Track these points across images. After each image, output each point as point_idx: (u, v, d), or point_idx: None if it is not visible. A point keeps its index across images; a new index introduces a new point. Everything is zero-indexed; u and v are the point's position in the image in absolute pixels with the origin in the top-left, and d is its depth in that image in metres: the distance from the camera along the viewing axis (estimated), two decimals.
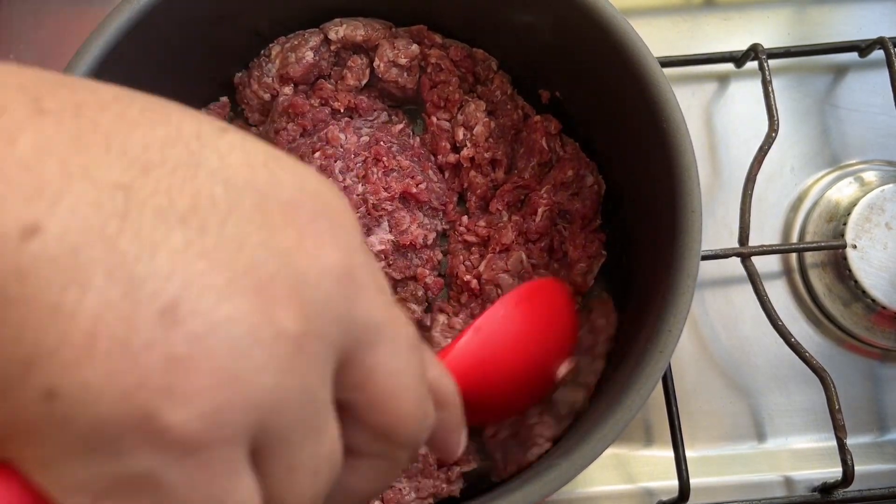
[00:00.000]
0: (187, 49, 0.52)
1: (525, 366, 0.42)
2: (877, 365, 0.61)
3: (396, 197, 0.53)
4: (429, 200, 0.54)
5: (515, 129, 0.57)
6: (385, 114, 0.58)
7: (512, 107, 0.57)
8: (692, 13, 0.67)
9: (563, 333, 0.45)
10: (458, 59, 0.57)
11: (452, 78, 0.56)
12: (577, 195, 0.55)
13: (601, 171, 0.55)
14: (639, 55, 0.45)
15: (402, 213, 0.53)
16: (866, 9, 0.67)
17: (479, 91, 0.58)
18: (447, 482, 0.49)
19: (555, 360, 0.44)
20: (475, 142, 0.56)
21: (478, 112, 0.56)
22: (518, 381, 0.42)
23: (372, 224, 0.53)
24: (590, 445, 0.41)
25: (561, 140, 0.56)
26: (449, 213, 0.56)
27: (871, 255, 0.59)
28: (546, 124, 0.56)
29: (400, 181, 0.53)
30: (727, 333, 0.61)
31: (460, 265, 0.55)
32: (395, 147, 0.55)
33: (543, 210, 0.54)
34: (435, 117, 0.57)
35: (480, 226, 0.55)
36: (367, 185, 0.53)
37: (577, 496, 0.57)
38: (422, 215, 0.54)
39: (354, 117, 0.57)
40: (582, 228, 0.54)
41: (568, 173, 0.55)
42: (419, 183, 0.54)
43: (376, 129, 0.56)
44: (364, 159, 0.54)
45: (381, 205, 0.53)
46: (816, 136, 0.65)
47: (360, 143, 0.55)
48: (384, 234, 0.53)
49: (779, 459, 0.59)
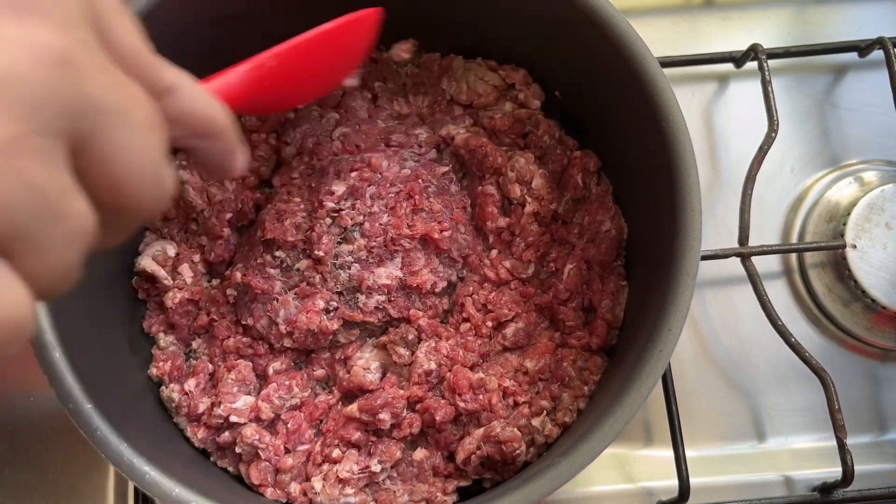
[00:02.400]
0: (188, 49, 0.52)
1: (308, 84, 0.47)
2: (877, 365, 0.61)
3: (417, 237, 0.52)
4: (449, 249, 0.53)
5: (563, 169, 0.55)
6: (435, 150, 0.57)
7: (561, 151, 0.55)
8: (692, 13, 0.67)
9: (354, 54, 0.48)
10: (506, 128, 0.56)
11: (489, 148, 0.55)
12: (593, 242, 0.53)
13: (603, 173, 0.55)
14: (639, 55, 0.45)
15: (418, 254, 0.52)
16: (866, 9, 0.67)
17: (526, 140, 0.56)
18: (442, 492, 0.49)
19: (341, 74, 0.49)
20: (537, 195, 0.54)
21: (529, 165, 0.54)
22: (299, 93, 0.47)
23: (385, 256, 0.51)
24: (590, 445, 0.41)
25: (598, 178, 0.55)
26: (471, 263, 0.55)
27: (871, 255, 0.59)
28: (586, 160, 0.54)
29: (425, 223, 0.52)
30: (727, 333, 0.61)
31: (468, 297, 0.54)
32: (432, 188, 0.54)
33: (570, 268, 0.52)
34: (481, 186, 0.55)
35: (505, 266, 0.54)
36: (392, 217, 0.52)
37: (577, 496, 0.57)
38: (437, 262, 0.53)
39: (404, 148, 0.56)
40: (601, 275, 0.53)
41: (585, 219, 0.54)
42: (444, 230, 0.52)
43: (421, 165, 0.55)
44: (398, 191, 0.53)
45: (400, 241, 0.51)
46: (816, 136, 0.65)
47: (401, 174, 0.54)
48: (394, 270, 0.51)
49: (779, 459, 0.59)
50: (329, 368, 0.53)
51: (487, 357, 0.53)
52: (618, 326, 0.52)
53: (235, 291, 0.53)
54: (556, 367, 0.51)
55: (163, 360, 0.52)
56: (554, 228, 0.55)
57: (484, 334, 0.53)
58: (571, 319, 0.52)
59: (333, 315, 0.51)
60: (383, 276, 0.51)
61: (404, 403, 0.50)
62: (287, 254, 0.52)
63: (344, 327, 0.52)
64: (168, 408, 0.51)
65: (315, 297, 0.51)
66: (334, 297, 0.51)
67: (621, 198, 0.54)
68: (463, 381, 0.50)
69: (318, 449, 0.51)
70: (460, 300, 0.54)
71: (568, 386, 0.51)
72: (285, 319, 0.51)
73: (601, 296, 0.52)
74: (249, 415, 0.50)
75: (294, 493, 0.49)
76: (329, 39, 0.45)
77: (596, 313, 0.52)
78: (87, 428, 0.40)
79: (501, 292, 0.53)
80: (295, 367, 0.53)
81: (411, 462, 0.50)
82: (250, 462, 0.50)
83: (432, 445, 0.51)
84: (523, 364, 0.52)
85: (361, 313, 0.51)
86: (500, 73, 0.57)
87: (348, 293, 0.51)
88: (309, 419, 0.51)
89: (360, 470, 0.49)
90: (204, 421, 0.50)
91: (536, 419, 0.49)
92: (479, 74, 0.57)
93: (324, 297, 0.51)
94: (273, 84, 0.42)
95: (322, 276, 0.51)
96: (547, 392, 0.50)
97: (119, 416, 0.42)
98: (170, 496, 0.40)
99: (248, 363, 0.52)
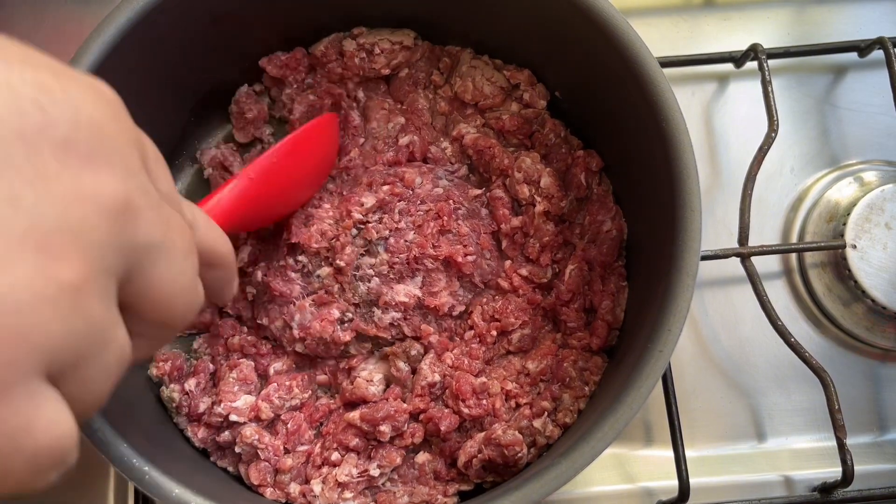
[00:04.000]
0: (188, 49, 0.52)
1: (293, 192, 0.51)
2: (877, 365, 0.61)
3: (441, 259, 0.51)
4: (471, 275, 0.52)
5: (567, 168, 0.55)
6: (465, 168, 0.56)
7: (566, 149, 0.55)
8: (692, 13, 0.67)
9: (330, 157, 0.54)
10: (514, 129, 0.56)
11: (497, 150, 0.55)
12: (594, 242, 0.53)
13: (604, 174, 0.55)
14: (639, 55, 0.45)
15: (439, 275, 0.52)
16: (866, 9, 0.67)
17: (532, 139, 0.56)
18: (443, 494, 0.49)
19: (320, 177, 0.54)
20: (546, 194, 0.54)
21: (536, 165, 0.54)
22: (285, 202, 0.51)
23: (406, 274, 0.51)
24: (590, 445, 0.41)
25: (599, 178, 0.55)
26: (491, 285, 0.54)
27: (871, 255, 0.59)
28: (588, 160, 0.54)
29: (451, 245, 0.52)
30: (727, 333, 0.61)
31: (478, 307, 0.53)
32: (462, 210, 0.53)
33: (572, 268, 0.52)
34: (489, 191, 0.55)
35: (520, 274, 0.53)
36: (418, 236, 0.51)
37: (577, 496, 0.57)
38: (458, 285, 0.52)
39: (439, 165, 0.55)
40: (601, 275, 0.52)
41: (586, 219, 0.54)
42: (469, 254, 0.52)
43: (454, 185, 0.55)
44: (427, 210, 0.52)
45: (423, 260, 0.51)
46: (816, 136, 0.65)
47: (433, 193, 0.53)
48: (413, 289, 0.51)
49: (779, 459, 0.59)
50: (332, 376, 0.53)
51: (491, 362, 0.53)
52: (618, 327, 0.52)
53: (255, 290, 0.53)
54: (557, 368, 0.51)
55: (162, 360, 0.51)
56: (561, 229, 0.55)
57: (489, 342, 0.53)
58: (573, 320, 0.52)
59: (347, 326, 0.51)
60: (402, 294, 0.51)
61: (406, 417, 0.50)
62: (310, 259, 0.52)
63: (357, 339, 0.52)
64: (168, 408, 0.51)
65: (331, 307, 0.51)
66: (350, 309, 0.51)
67: (621, 198, 0.54)
68: (466, 387, 0.49)
69: (318, 451, 0.51)
70: (470, 311, 0.53)
71: (569, 386, 0.50)
72: (300, 325, 0.51)
73: (602, 296, 0.52)
74: (249, 414, 0.50)
75: (294, 493, 0.49)
76: (299, 142, 0.49)
77: (596, 314, 0.52)
78: (87, 428, 0.40)
79: (508, 301, 0.53)
80: (297, 368, 0.53)
81: (412, 464, 0.50)
82: (250, 462, 0.50)
83: (436, 452, 0.50)
84: (525, 366, 0.52)
85: (375, 328, 0.51)
86: (504, 73, 0.57)
87: (365, 306, 0.51)
88: (309, 420, 0.51)
89: (360, 474, 0.49)
90: (204, 420, 0.50)
91: (538, 420, 0.49)
92: (486, 75, 0.57)
93: (340, 307, 0.51)
94: (259, 196, 0.46)
95: (341, 286, 0.51)
96: (548, 393, 0.50)
97: (119, 416, 0.42)
98: (170, 496, 0.40)
99: (251, 363, 0.52)
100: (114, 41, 0.45)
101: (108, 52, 0.45)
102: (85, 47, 0.45)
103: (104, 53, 0.45)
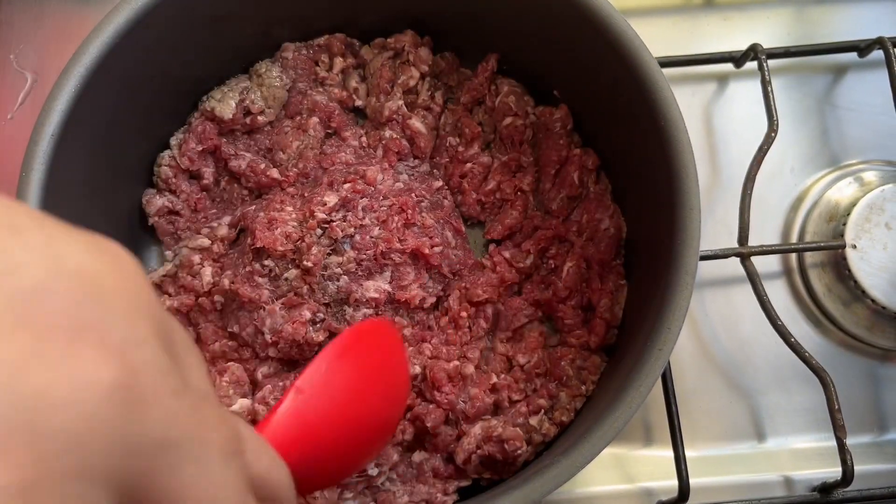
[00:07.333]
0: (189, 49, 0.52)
1: (358, 418, 0.39)
2: (876, 365, 0.61)
3: (408, 252, 0.51)
4: (439, 265, 0.53)
5: (560, 163, 0.56)
6: (427, 164, 0.57)
7: (564, 142, 0.56)
8: (692, 13, 0.67)
9: (396, 376, 0.43)
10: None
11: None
12: (592, 240, 0.53)
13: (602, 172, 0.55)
14: (638, 55, 0.45)
15: (408, 268, 0.52)
16: (866, 9, 0.67)
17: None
18: (443, 492, 0.49)
19: (391, 406, 0.42)
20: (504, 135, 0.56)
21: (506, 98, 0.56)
22: (353, 436, 0.38)
23: (374, 270, 0.51)
24: (590, 444, 0.41)
25: (597, 176, 0.55)
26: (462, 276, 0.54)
27: (871, 255, 0.59)
28: (584, 158, 0.55)
29: (417, 238, 0.52)
30: (727, 333, 0.61)
31: (455, 290, 0.53)
32: (425, 202, 0.54)
33: (570, 266, 0.53)
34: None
35: (504, 256, 0.54)
36: (383, 231, 0.51)
37: (576, 496, 0.57)
38: (427, 277, 0.53)
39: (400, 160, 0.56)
40: (600, 273, 0.53)
41: (583, 217, 0.54)
42: (435, 245, 0.52)
43: (415, 179, 0.55)
44: (390, 205, 0.52)
45: (390, 254, 0.51)
46: (816, 136, 0.65)
47: (394, 187, 0.53)
48: (382, 284, 0.51)
49: (779, 459, 0.59)
50: None
51: (472, 347, 0.53)
52: (617, 326, 0.52)
53: (223, 298, 0.53)
54: (554, 366, 0.51)
55: None
56: (552, 224, 0.55)
57: (462, 325, 0.53)
58: (570, 318, 0.52)
59: (320, 327, 0.51)
60: (371, 290, 0.51)
61: None
62: (276, 263, 0.51)
63: (330, 339, 0.52)
64: None
65: (302, 308, 0.50)
66: (321, 309, 0.51)
67: (621, 197, 0.54)
68: (440, 374, 0.49)
69: None
70: (448, 295, 0.54)
71: (566, 385, 0.50)
72: (271, 329, 0.50)
73: (600, 295, 0.52)
74: (246, 417, 0.50)
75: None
76: (348, 344, 0.39)
77: (595, 312, 0.52)
78: None
79: (477, 276, 0.53)
80: (285, 369, 0.53)
81: (410, 464, 0.50)
82: None
83: (430, 449, 0.50)
84: (515, 358, 0.52)
85: (348, 326, 0.51)
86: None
87: (336, 305, 0.51)
88: None
89: (358, 474, 0.49)
90: None
91: (534, 418, 0.49)
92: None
93: (311, 308, 0.51)
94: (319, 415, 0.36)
95: (310, 287, 0.51)
96: (545, 391, 0.50)
97: None
98: None
99: (239, 365, 0.52)
100: (113, 41, 0.45)
101: (107, 53, 0.45)
102: (85, 47, 0.45)
103: (104, 53, 0.45)
